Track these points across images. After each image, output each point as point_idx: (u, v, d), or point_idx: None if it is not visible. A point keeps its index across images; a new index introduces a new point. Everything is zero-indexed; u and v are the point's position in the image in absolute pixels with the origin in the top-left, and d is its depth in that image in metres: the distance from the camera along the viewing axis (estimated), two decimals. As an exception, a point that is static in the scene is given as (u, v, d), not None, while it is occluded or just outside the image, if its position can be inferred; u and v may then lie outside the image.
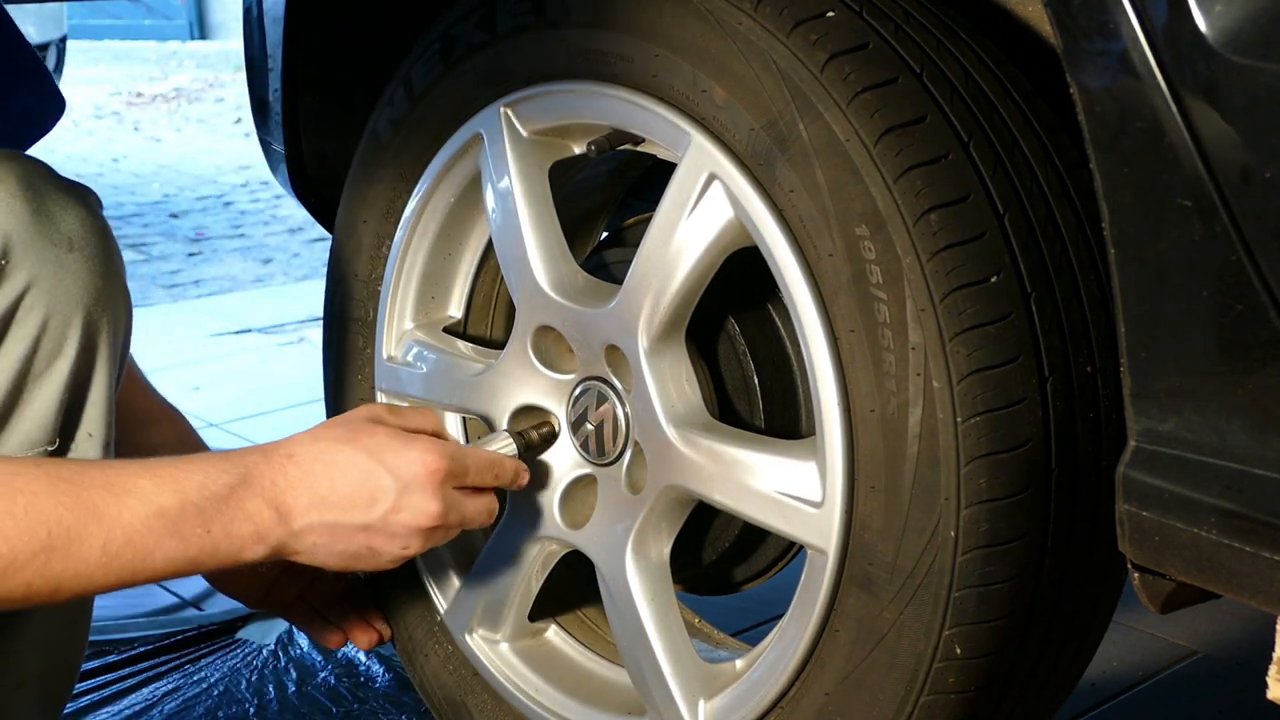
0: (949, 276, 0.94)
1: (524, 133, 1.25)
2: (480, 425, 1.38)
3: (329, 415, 1.52)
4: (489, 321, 1.44)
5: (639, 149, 1.22)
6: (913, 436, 0.97)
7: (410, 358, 1.40)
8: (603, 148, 1.22)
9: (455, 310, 1.42)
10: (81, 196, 1.16)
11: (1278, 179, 0.78)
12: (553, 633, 1.41)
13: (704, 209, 1.09)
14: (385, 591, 1.47)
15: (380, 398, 1.43)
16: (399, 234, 1.39)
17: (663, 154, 1.17)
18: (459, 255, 1.40)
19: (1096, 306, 0.99)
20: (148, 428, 1.41)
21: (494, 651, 1.38)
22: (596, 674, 1.37)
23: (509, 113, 1.25)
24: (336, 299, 1.48)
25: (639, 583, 1.20)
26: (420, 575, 1.43)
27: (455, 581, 1.41)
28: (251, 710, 1.66)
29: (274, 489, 1.04)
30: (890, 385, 0.97)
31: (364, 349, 1.45)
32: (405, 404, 1.41)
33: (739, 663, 1.17)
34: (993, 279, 0.94)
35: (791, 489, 1.06)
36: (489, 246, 1.36)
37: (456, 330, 1.42)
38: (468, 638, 1.38)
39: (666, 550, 1.21)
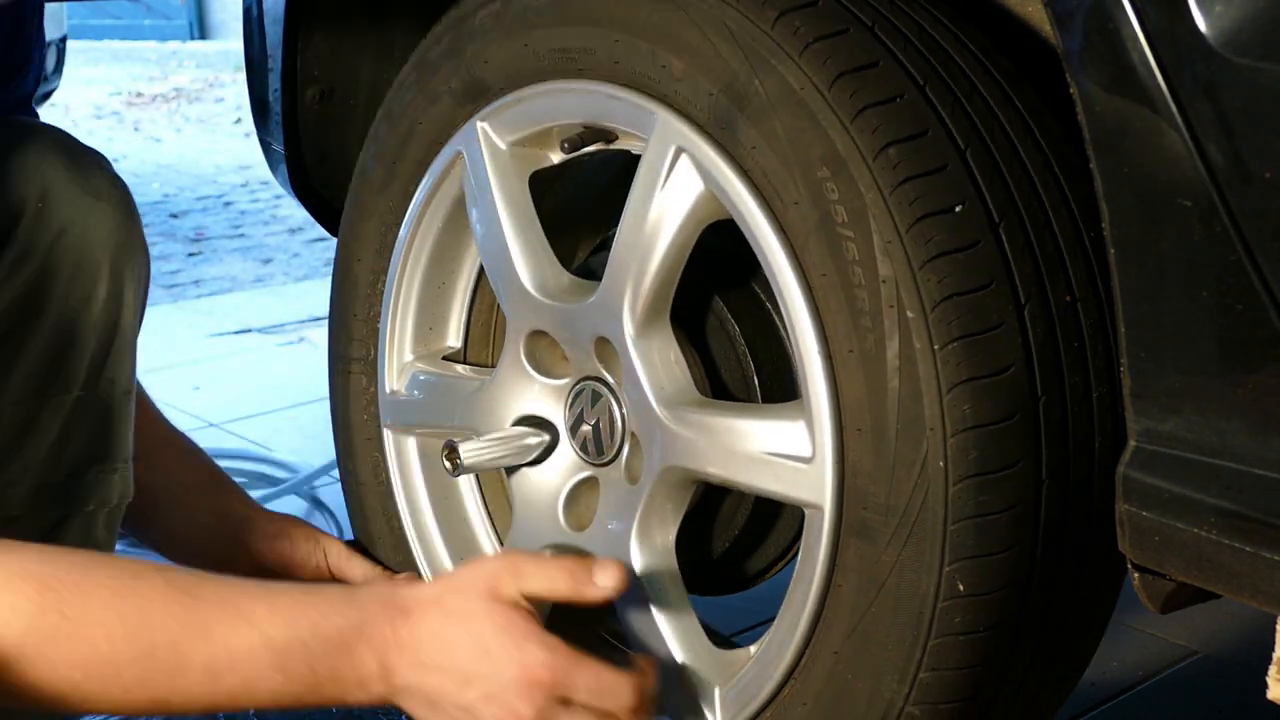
0: (912, 207, 0.96)
1: (501, 145, 1.28)
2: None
3: (338, 454, 1.52)
4: (489, 350, 1.45)
5: (615, 146, 1.23)
6: (892, 370, 0.97)
7: (412, 389, 1.41)
8: (576, 146, 1.24)
9: (454, 340, 1.44)
10: (101, 160, 1.30)
11: (1278, 179, 0.78)
12: None
13: (674, 183, 1.11)
14: None
15: (386, 432, 1.44)
16: (392, 267, 1.40)
17: (636, 147, 1.18)
18: (453, 283, 1.42)
19: (1071, 239, 1.00)
20: (150, 455, 1.41)
21: None
22: None
23: (485, 127, 1.28)
24: (339, 341, 1.49)
25: (645, 572, 1.20)
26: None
27: None
28: (251, 710, 1.66)
29: (383, 645, 1.02)
30: (865, 322, 0.98)
31: (368, 388, 1.46)
32: (413, 437, 1.42)
33: (752, 648, 1.17)
34: (957, 208, 0.96)
35: (782, 448, 1.07)
36: (481, 272, 1.38)
37: (456, 359, 1.44)
38: None
39: (671, 537, 1.21)
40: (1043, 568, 1.00)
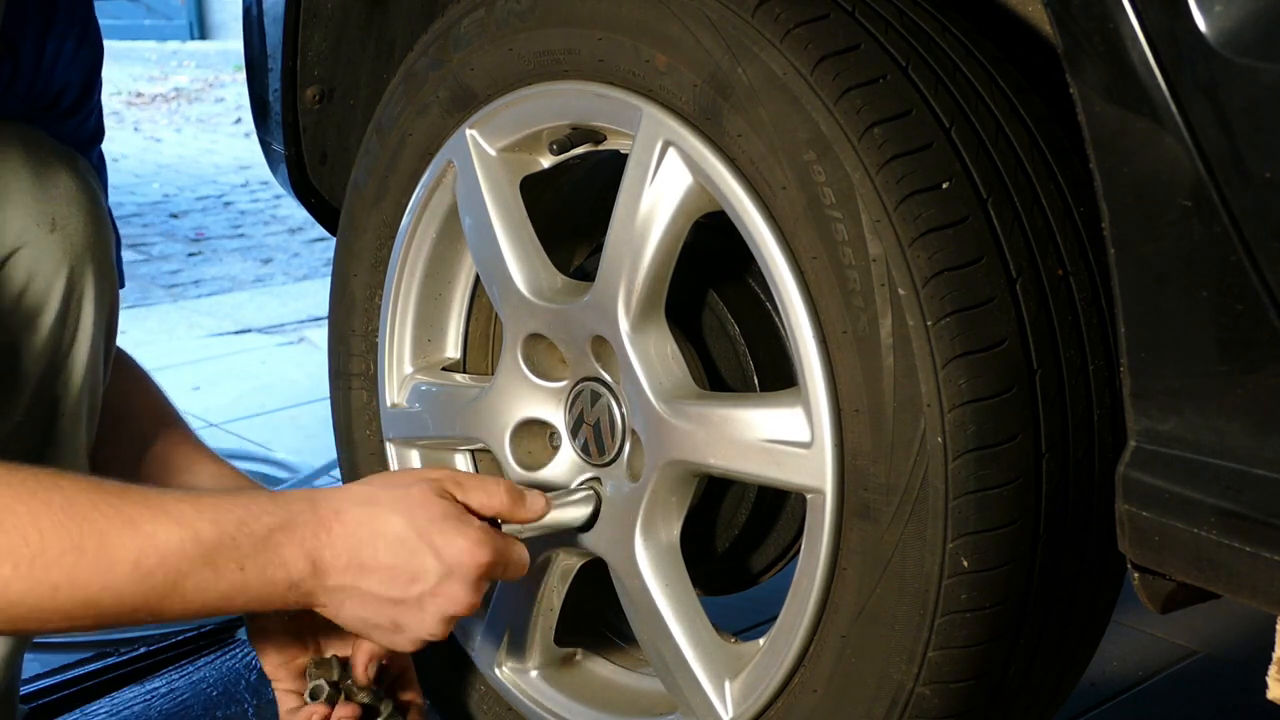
0: (899, 185, 0.96)
1: (491, 151, 1.28)
2: (491, 464, 1.39)
3: (342, 471, 1.52)
4: (489, 359, 1.45)
5: (604, 146, 1.23)
6: (886, 349, 0.98)
7: (413, 401, 1.41)
8: (565, 148, 1.25)
9: (453, 350, 1.44)
10: (72, 165, 1.20)
11: (1278, 179, 0.78)
12: (582, 656, 1.40)
13: (663, 177, 1.11)
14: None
15: (389, 446, 1.44)
16: (388, 281, 1.40)
17: (625, 146, 1.18)
18: (449, 294, 1.42)
19: (1060, 213, 1.01)
20: (181, 473, 1.34)
21: (524, 682, 1.36)
22: (630, 686, 1.36)
23: (474, 134, 1.28)
24: (339, 356, 1.49)
25: (650, 568, 1.19)
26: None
27: (481, 617, 1.40)
28: (250, 710, 1.66)
29: (314, 542, 1.02)
30: (858, 302, 0.99)
31: (369, 403, 1.46)
32: (416, 450, 1.42)
33: (761, 640, 1.16)
34: (944, 185, 0.96)
35: (781, 435, 1.07)
36: (478, 282, 1.38)
37: (456, 369, 1.44)
38: (496, 672, 1.37)
39: (676, 532, 1.21)
40: (1046, 541, 1.00)
